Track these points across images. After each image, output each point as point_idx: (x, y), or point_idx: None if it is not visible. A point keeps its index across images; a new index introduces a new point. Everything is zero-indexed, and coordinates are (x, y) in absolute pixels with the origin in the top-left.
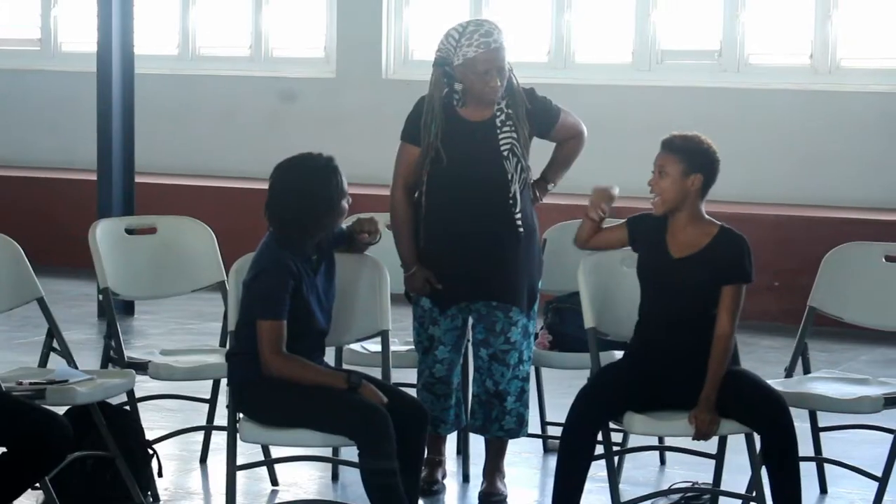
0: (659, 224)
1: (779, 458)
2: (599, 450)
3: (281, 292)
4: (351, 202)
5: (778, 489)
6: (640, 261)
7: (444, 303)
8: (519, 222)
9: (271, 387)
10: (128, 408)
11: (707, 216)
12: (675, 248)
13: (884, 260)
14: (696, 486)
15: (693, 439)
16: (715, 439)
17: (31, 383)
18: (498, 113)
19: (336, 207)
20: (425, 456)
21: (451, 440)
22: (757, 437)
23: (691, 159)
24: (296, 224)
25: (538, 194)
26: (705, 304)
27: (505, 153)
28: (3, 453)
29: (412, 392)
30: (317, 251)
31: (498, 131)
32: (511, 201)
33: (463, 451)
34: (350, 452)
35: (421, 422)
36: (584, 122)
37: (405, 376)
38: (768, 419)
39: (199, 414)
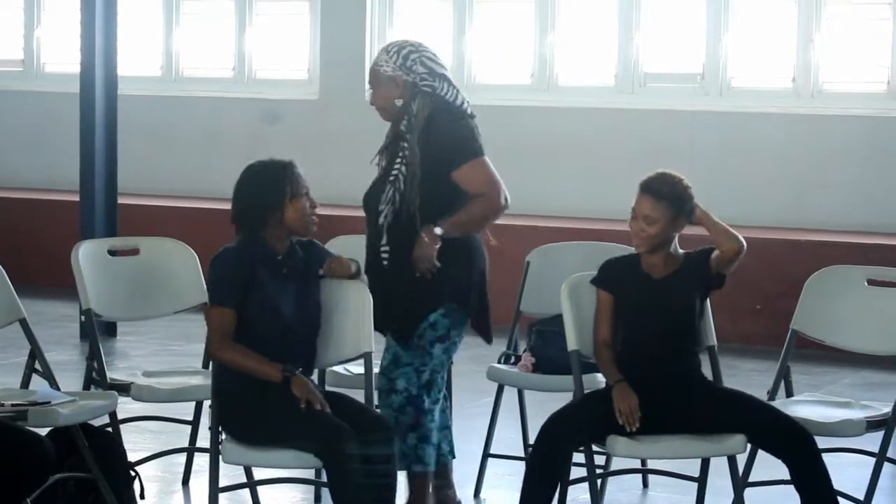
0: (629, 261)
1: (812, 492)
2: (582, 472)
3: (228, 280)
4: (315, 206)
5: None
6: (621, 297)
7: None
8: (384, 254)
9: (251, 402)
10: (110, 429)
11: (680, 249)
12: (654, 272)
13: (866, 283)
14: None
15: None
16: (697, 461)
17: (12, 405)
18: (402, 137)
19: (278, 206)
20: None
21: None
22: (740, 460)
23: (679, 206)
24: (243, 218)
25: (422, 233)
26: (688, 322)
27: (391, 179)
28: None
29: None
30: (287, 257)
31: (398, 155)
32: (378, 231)
33: None
34: None
35: (384, 434)
36: (567, 144)
37: None
38: (799, 455)
39: (181, 436)
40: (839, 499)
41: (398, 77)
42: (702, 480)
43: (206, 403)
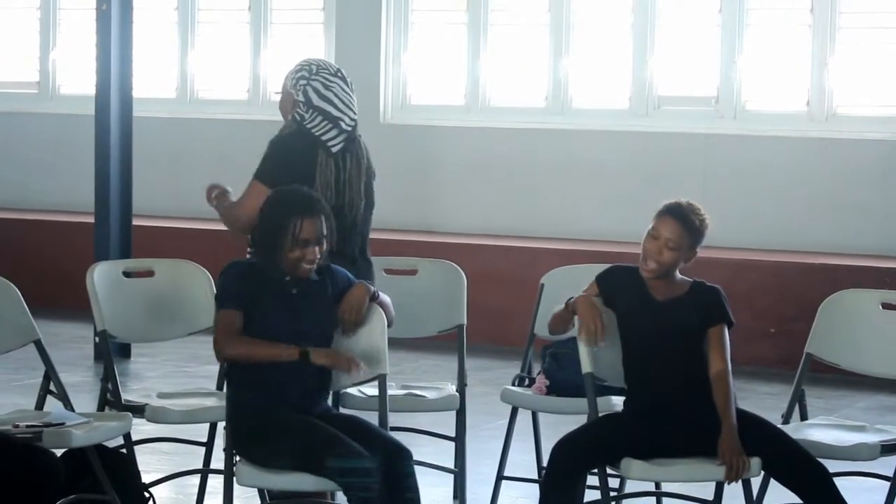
0: (635, 277)
1: None
2: (596, 495)
3: (234, 285)
4: (313, 257)
5: None
6: (622, 313)
7: None
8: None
9: (267, 425)
10: (124, 451)
11: (679, 275)
12: (658, 294)
13: (881, 307)
14: None
15: (727, 481)
16: (712, 485)
17: (27, 426)
18: None
19: (281, 248)
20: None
21: (449, 484)
22: (755, 483)
23: (698, 240)
24: (255, 247)
25: None
26: (696, 344)
27: None
28: None
29: (406, 436)
30: (299, 278)
31: None
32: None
33: (460, 495)
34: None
35: (403, 462)
36: (581, 166)
37: (401, 420)
38: (815, 489)
39: (195, 457)
40: None
41: (290, 94)
42: None
43: (221, 425)
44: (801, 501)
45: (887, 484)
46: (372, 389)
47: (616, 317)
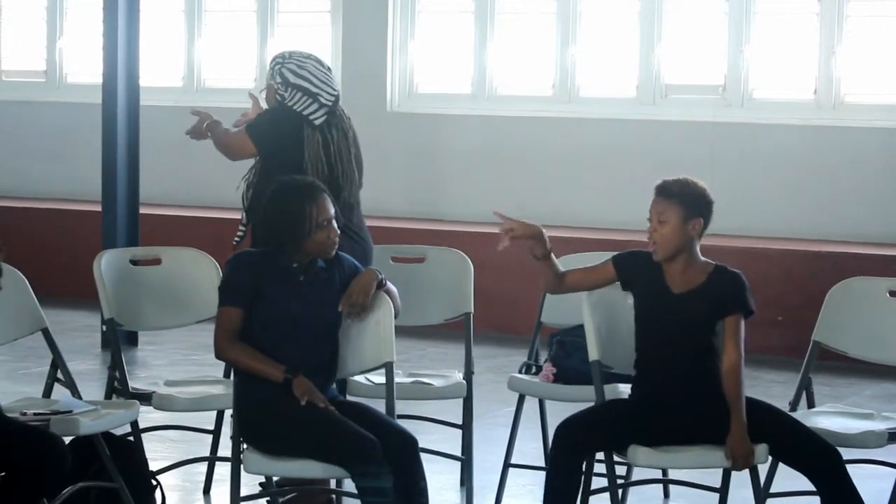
0: (653, 263)
1: None
2: (603, 482)
3: (239, 282)
4: (336, 234)
5: None
6: (638, 304)
7: None
8: (240, 232)
9: (274, 412)
10: (131, 438)
11: (701, 257)
12: (674, 285)
13: (888, 295)
14: None
15: (733, 469)
16: (719, 472)
17: (35, 414)
18: None
19: (299, 238)
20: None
21: (456, 471)
22: (762, 470)
23: (690, 205)
24: (264, 238)
25: None
26: (706, 336)
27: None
28: (2, 477)
29: (413, 424)
30: (306, 266)
31: None
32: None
33: (467, 483)
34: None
35: (410, 450)
36: (588, 155)
37: (408, 408)
38: (826, 474)
39: (202, 445)
40: None
41: (272, 84)
42: (723, 491)
43: (228, 412)
44: (808, 487)
45: (894, 471)
46: (379, 377)
47: (633, 301)
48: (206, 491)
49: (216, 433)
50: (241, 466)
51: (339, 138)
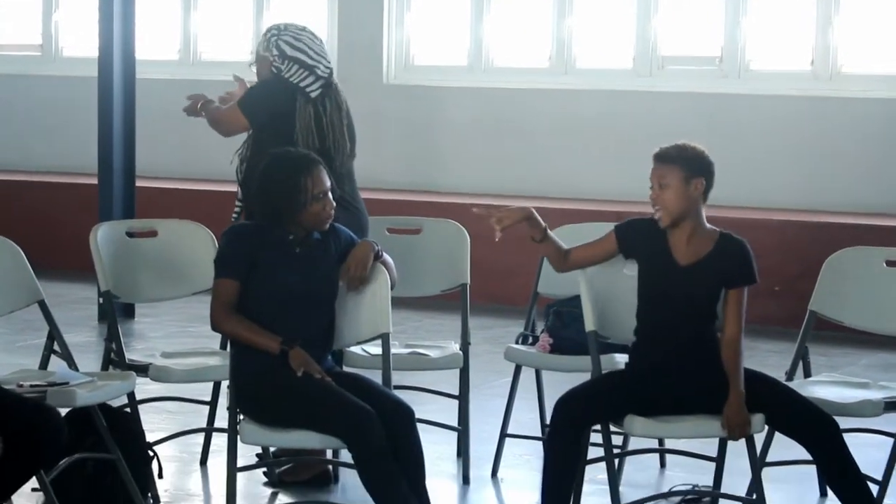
0: (657, 232)
1: (839, 478)
2: (599, 452)
3: (235, 254)
4: (332, 206)
5: None
6: (643, 273)
7: None
8: (236, 208)
9: (271, 384)
10: (128, 410)
11: (707, 224)
12: (680, 257)
13: (885, 265)
14: (697, 488)
15: (730, 439)
16: (715, 441)
17: (31, 385)
18: None
19: (295, 209)
20: None
21: (452, 441)
22: (758, 439)
23: (689, 165)
24: (260, 211)
25: None
26: (711, 306)
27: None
28: None
29: (410, 394)
30: (302, 237)
31: None
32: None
33: (463, 453)
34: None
35: (406, 420)
36: (585, 127)
37: (405, 378)
38: (823, 443)
39: (199, 416)
40: None
41: (264, 57)
42: (720, 460)
43: (224, 384)
44: (805, 456)
45: (891, 440)
46: (375, 348)
47: (638, 274)
48: (203, 462)
49: (213, 404)
50: (238, 437)
51: (333, 110)
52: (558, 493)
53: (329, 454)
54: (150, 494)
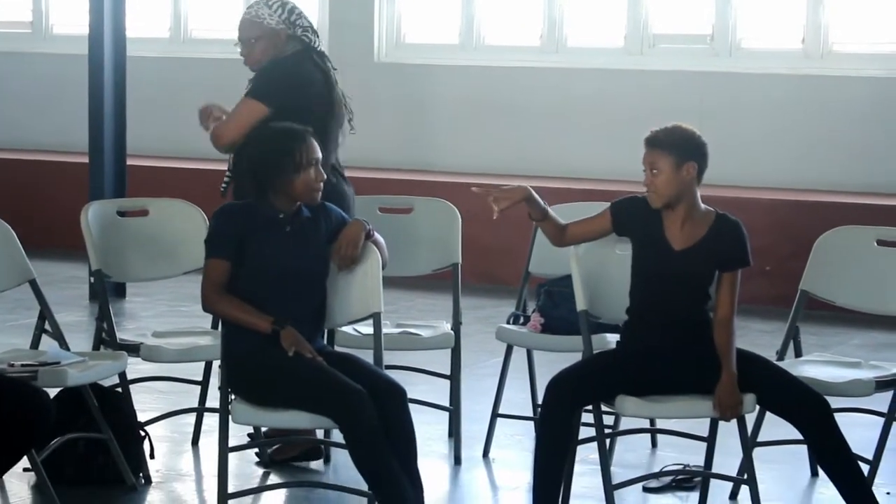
0: (652, 214)
1: (831, 458)
2: (591, 432)
3: (225, 234)
4: (322, 178)
5: (846, 489)
6: (637, 254)
7: None
8: (225, 179)
9: (262, 364)
10: (119, 390)
11: (702, 204)
12: (674, 240)
13: (875, 244)
14: (688, 468)
15: (721, 419)
16: (706, 421)
17: (22, 365)
18: None
19: (287, 174)
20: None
21: (444, 421)
22: (749, 420)
23: (680, 150)
24: (250, 181)
25: None
26: (704, 288)
27: None
28: None
29: (401, 374)
30: (292, 216)
31: None
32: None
33: (455, 433)
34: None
35: (398, 400)
36: (576, 106)
37: (396, 358)
38: (814, 423)
39: (190, 396)
40: None
41: (281, 31)
42: (711, 440)
43: (216, 363)
44: (796, 436)
45: (881, 420)
46: (366, 328)
47: (633, 257)
48: (195, 442)
49: (204, 384)
50: (230, 417)
51: (333, 81)
52: (550, 472)
53: (321, 434)
54: (141, 474)
